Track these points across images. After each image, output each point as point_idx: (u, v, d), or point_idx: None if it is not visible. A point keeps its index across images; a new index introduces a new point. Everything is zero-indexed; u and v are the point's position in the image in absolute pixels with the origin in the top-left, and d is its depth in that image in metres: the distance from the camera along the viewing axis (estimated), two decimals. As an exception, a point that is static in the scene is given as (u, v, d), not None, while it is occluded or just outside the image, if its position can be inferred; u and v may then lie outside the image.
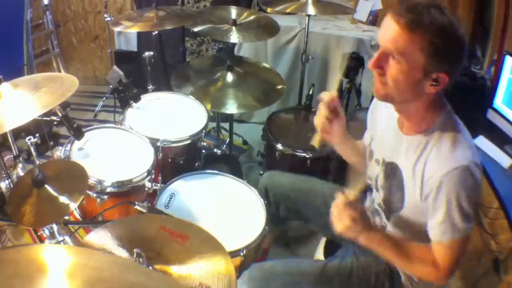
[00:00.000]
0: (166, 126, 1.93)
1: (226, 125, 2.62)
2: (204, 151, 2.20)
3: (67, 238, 1.55)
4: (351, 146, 1.42)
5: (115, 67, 1.94)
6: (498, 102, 1.93)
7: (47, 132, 2.51)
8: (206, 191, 1.66)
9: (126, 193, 1.62)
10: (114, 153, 1.74)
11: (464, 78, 2.17)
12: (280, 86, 2.27)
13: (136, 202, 1.44)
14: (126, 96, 1.95)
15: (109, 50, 3.04)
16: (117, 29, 2.16)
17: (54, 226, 1.53)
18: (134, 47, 3.31)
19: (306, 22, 2.37)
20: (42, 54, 3.32)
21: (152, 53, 2.28)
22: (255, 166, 2.63)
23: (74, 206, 1.27)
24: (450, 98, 1.16)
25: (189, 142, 1.90)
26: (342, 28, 2.83)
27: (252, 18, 2.30)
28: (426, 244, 1.14)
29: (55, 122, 2.09)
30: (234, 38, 2.13)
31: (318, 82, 2.81)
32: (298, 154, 2.05)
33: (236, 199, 1.64)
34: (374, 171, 1.32)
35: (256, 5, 3.00)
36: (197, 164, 2.08)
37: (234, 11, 2.32)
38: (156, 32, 2.47)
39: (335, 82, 1.55)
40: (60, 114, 1.42)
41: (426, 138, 1.13)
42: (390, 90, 1.08)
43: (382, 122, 1.31)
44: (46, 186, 1.29)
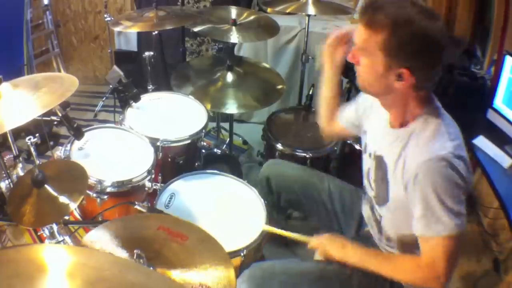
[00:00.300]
0: (166, 126, 1.93)
1: (226, 125, 2.62)
2: (204, 151, 2.20)
3: (67, 238, 1.55)
4: (336, 82, 1.52)
5: (115, 67, 1.94)
6: (498, 102, 1.92)
7: (47, 132, 2.50)
8: (206, 191, 1.66)
9: (126, 193, 1.62)
10: (114, 153, 1.74)
11: (464, 78, 2.17)
12: (280, 86, 2.27)
13: (136, 202, 1.45)
14: (126, 96, 1.95)
15: (109, 50, 3.03)
16: (117, 29, 2.16)
17: (54, 226, 1.53)
18: (134, 47, 3.30)
19: (306, 22, 2.37)
20: (42, 54, 3.31)
21: (152, 53, 2.27)
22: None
23: (74, 206, 1.27)
24: (450, 98, 1.16)
25: (189, 142, 1.91)
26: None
27: (252, 18, 2.30)
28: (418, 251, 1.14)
29: (55, 122, 2.09)
30: (234, 38, 2.13)
31: (318, 82, 2.80)
32: (298, 154, 2.05)
33: (236, 199, 1.64)
34: (367, 165, 1.34)
35: (256, 5, 2.99)
36: (197, 164, 2.08)
37: (234, 11, 2.31)
38: (156, 32, 2.46)
39: None
40: (60, 114, 1.42)
41: (409, 131, 1.14)
42: (362, 83, 1.16)
43: (375, 116, 1.32)
44: (46, 186, 1.29)
